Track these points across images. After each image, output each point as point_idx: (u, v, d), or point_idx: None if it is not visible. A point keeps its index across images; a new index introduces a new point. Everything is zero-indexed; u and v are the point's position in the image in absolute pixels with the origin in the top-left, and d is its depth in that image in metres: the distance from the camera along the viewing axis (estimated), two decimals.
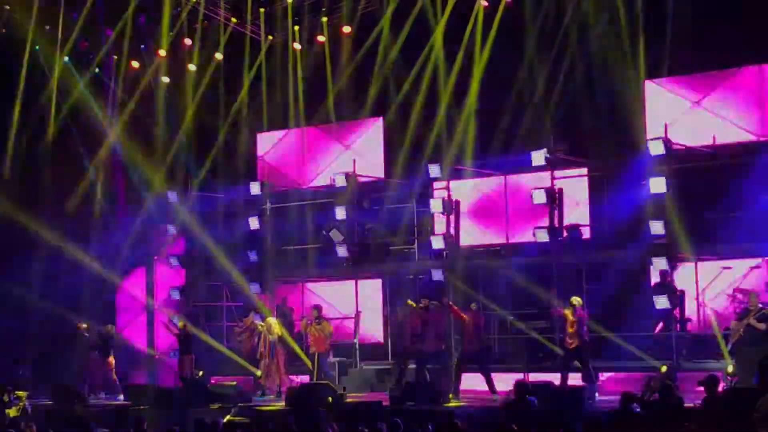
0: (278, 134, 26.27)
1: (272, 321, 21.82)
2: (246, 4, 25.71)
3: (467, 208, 22.68)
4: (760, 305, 16.89)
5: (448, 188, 22.10)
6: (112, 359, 23.09)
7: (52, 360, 24.58)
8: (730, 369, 17.35)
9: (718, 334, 18.36)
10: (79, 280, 25.39)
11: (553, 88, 22.05)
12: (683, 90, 20.89)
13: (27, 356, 24.60)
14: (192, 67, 26.40)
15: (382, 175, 24.08)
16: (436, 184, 22.81)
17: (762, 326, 16.56)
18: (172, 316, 23.14)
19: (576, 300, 18.87)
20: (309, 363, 21.27)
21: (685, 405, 14.11)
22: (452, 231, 21.96)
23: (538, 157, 20.60)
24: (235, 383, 20.92)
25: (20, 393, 20.16)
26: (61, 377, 23.22)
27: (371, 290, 24.08)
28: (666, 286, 19.46)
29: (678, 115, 20.52)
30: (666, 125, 19.71)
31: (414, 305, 20.35)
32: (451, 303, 19.79)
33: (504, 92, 22.54)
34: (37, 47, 26.16)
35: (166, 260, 25.34)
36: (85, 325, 23.40)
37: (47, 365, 24.43)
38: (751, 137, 20.01)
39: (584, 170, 21.64)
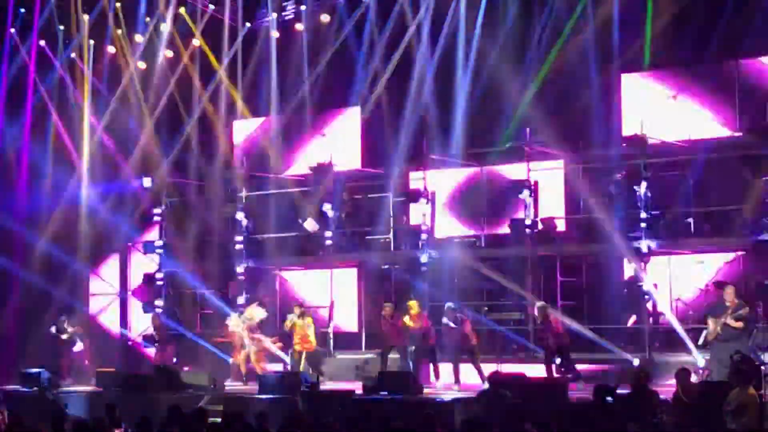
0: (255, 122, 26.16)
1: (251, 309, 21.73)
2: None
3: (443, 198, 22.67)
4: (737, 300, 16.93)
5: (424, 178, 22.09)
6: (80, 346, 22.96)
7: (23, 346, 24.48)
8: (702, 363, 17.47)
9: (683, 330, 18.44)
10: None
11: (530, 81, 22.05)
12: (660, 84, 20.94)
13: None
14: (168, 52, 26.27)
15: (359, 164, 24.03)
16: (412, 174, 22.81)
17: (739, 325, 16.61)
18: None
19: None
20: (281, 353, 21.41)
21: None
22: (428, 221, 21.95)
23: (515, 148, 20.65)
24: (208, 371, 20.84)
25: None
26: (32, 363, 23.11)
27: (346, 279, 24.04)
28: (639, 279, 19.54)
29: (654, 109, 20.55)
30: (642, 119, 19.77)
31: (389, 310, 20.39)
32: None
33: (482, 83, 22.53)
34: (13, 29, 25.99)
35: (140, 247, 25.24)
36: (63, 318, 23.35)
37: (18, 351, 24.33)
38: (727, 132, 20.08)
39: (560, 163, 21.69)
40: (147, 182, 24.67)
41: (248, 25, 25.83)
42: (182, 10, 25.85)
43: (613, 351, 19.17)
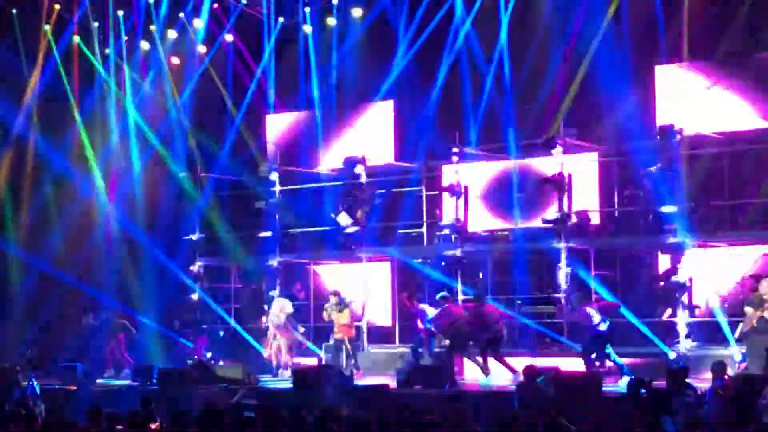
0: (288, 116, 26.21)
1: (279, 302, 21.81)
2: None
3: (476, 192, 22.62)
4: None
5: (457, 172, 22.06)
6: (121, 336, 23.12)
7: (60, 339, 24.70)
8: (738, 356, 17.36)
9: (723, 321, 18.28)
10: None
11: (564, 72, 21.96)
12: (695, 75, 20.76)
13: (37, 335, 24.71)
14: (202, 48, 26.40)
15: (392, 158, 24.01)
16: (445, 168, 22.78)
17: None
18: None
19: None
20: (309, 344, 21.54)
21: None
22: (461, 215, 21.92)
23: (548, 141, 20.59)
24: (242, 365, 20.94)
25: None
26: (68, 357, 23.34)
27: (380, 273, 24.05)
28: (674, 272, 19.42)
29: (689, 101, 20.38)
30: (677, 111, 19.62)
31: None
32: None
33: (515, 75, 22.47)
34: (47, 27, 26.20)
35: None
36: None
37: (55, 345, 24.54)
38: (764, 124, 19.88)
39: (594, 155, 21.58)
40: (184, 178, 24.84)
41: (281, 20, 25.89)
42: (214, 5, 25.96)
43: (648, 344, 19.07)
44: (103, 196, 26.31)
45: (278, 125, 26.18)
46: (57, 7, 26.19)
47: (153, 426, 13.47)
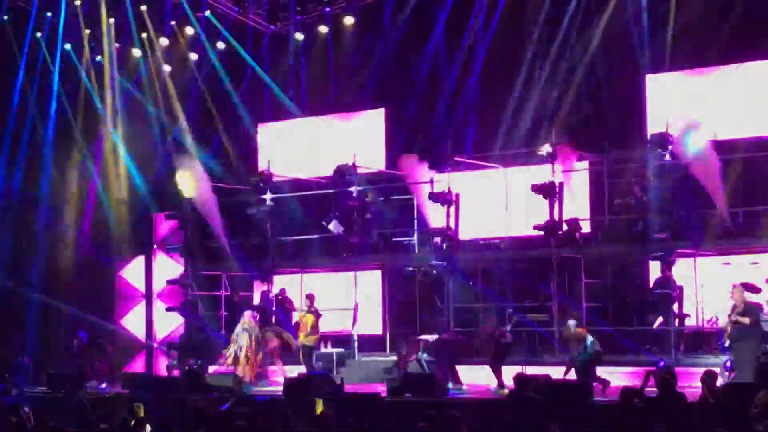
0: (279, 124, 26.20)
1: (247, 315, 21.59)
2: None
3: (467, 200, 22.62)
4: (745, 299, 16.78)
5: (448, 180, 22.07)
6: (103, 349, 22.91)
7: (49, 347, 24.64)
8: (728, 364, 17.35)
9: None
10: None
11: (555, 81, 22.03)
12: (685, 84, 20.83)
13: (25, 343, 24.66)
14: (193, 56, 26.38)
15: (383, 166, 24.02)
16: (436, 176, 22.80)
17: (746, 320, 16.43)
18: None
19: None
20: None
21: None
22: (452, 223, 21.92)
23: (539, 150, 20.64)
24: (233, 373, 20.85)
25: None
26: (57, 365, 23.27)
27: (371, 282, 24.04)
28: (665, 281, 19.44)
29: (680, 110, 20.44)
30: (667, 119, 19.67)
31: None
32: None
33: (506, 84, 22.53)
34: (39, 34, 26.15)
35: (165, 249, 25.33)
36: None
37: (44, 353, 24.48)
38: (754, 133, 19.94)
39: (585, 164, 21.62)
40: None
41: (273, 27, 25.92)
42: (207, 13, 25.97)
43: (639, 353, 19.08)
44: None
45: (270, 133, 26.19)
46: (48, 14, 26.12)
47: None
